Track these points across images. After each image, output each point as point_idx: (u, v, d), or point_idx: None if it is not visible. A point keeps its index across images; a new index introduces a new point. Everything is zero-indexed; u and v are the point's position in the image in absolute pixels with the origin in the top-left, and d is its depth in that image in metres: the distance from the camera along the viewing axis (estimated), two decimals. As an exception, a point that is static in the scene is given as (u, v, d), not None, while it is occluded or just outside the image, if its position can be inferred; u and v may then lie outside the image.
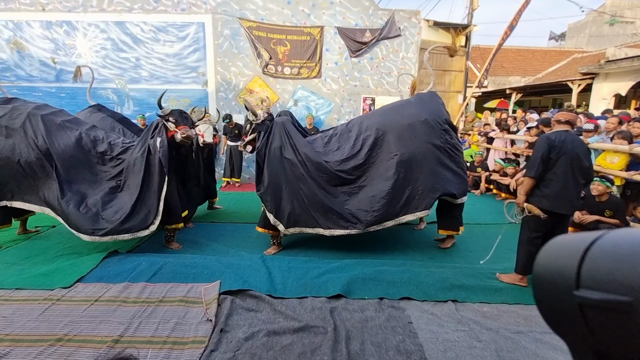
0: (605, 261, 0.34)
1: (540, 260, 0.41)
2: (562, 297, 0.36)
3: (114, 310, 2.55)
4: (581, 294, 0.34)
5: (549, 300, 0.39)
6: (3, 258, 3.50)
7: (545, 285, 0.39)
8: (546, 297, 0.39)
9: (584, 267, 0.35)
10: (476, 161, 7.00)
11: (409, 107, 3.61)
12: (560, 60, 13.76)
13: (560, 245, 0.40)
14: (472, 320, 2.50)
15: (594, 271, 0.34)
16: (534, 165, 2.80)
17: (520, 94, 12.28)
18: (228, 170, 7.19)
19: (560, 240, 0.41)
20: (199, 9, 7.16)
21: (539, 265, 0.41)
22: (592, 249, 0.35)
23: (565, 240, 0.40)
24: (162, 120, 3.60)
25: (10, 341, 2.18)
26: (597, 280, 0.34)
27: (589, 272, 0.35)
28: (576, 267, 0.35)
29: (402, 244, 4.02)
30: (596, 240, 0.36)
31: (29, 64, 7.33)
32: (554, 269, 0.38)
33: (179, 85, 7.46)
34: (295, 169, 3.40)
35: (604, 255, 0.34)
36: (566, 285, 0.36)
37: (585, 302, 0.34)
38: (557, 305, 0.38)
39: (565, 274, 0.36)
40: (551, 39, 21.88)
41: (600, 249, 0.35)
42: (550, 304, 0.39)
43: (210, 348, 2.15)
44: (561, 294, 0.37)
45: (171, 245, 3.82)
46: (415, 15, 7.45)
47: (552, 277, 0.38)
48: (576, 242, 0.38)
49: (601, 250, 0.35)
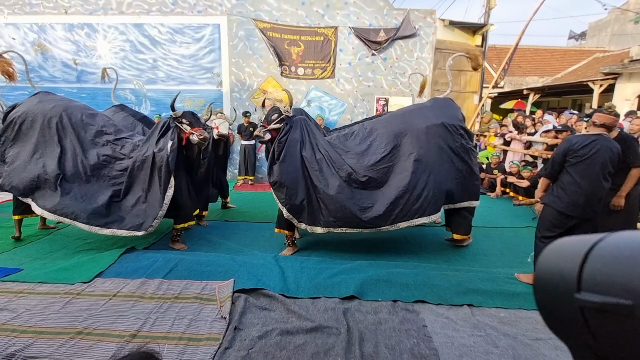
0: (606, 264, 0.33)
1: (542, 262, 0.41)
2: (563, 299, 0.36)
3: (132, 305, 2.61)
4: (582, 297, 0.34)
5: (549, 303, 0.39)
6: (27, 252, 3.63)
7: (546, 287, 0.39)
8: (547, 300, 0.39)
9: (585, 270, 0.35)
10: (492, 163, 6.87)
11: (425, 110, 3.60)
12: (580, 59, 13.35)
13: (561, 248, 0.40)
14: (488, 326, 2.45)
15: (595, 274, 0.34)
16: (548, 165, 2.86)
17: (538, 95, 11.96)
18: (243, 169, 7.33)
19: (562, 242, 0.40)
20: (214, 10, 7.26)
21: (540, 268, 0.40)
22: (593, 252, 0.35)
23: (567, 243, 0.39)
24: (175, 123, 3.60)
25: (33, 333, 2.26)
26: (598, 283, 0.33)
27: (590, 274, 0.34)
28: (577, 269, 0.35)
29: (416, 246, 3.97)
30: (598, 243, 0.35)
31: (52, 65, 7.59)
32: (555, 272, 0.38)
33: (194, 86, 7.59)
34: (313, 165, 3.40)
35: (605, 258, 0.34)
36: (567, 288, 0.36)
37: (586, 305, 0.33)
38: (558, 307, 0.37)
39: (566, 276, 0.36)
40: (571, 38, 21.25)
41: (602, 252, 0.34)
42: (551, 306, 0.39)
43: (225, 345, 2.17)
44: (562, 297, 0.36)
45: (176, 246, 3.78)
46: (431, 14, 7.36)
47: (553, 279, 0.38)
48: (578, 244, 0.37)
49: (602, 253, 0.34)
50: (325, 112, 7.68)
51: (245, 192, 6.72)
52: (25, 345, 2.12)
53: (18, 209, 3.86)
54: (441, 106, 3.66)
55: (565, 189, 2.77)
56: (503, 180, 6.44)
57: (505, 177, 6.42)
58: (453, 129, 3.46)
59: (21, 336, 2.21)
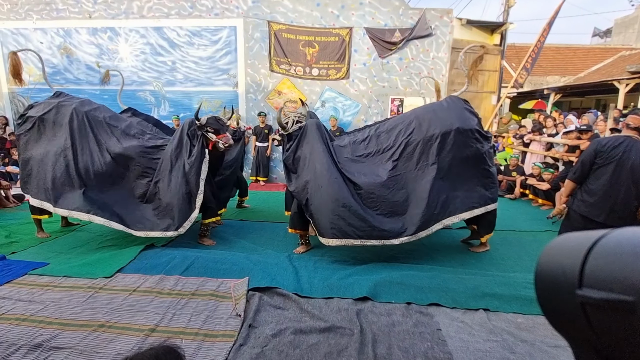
0: (608, 260, 0.33)
1: (543, 258, 0.40)
2: (565, 296, 0.36)
3: (151, 300, 2.69)
4: (584, 293, 0.33)
5: (551, 299, 0.38)
6: (53, 247, 3.79)
7: (548, 283, 0.39)
8: (548, 296, 0.39)
9: (587, 266, 0.34)
10: (511, 165, 6.70)
11: (440, 113, 3.49)
12: (605, 58, 12.85)
13: (563, 243, 0.39)
14: (505, 331, 2.40)
15: (597, 270, 0.33)
16: (576, 168, 2.73)
17: (559, 95, 11.58)
18: (254, 170, 7.44)
19: (564, 238, 0.40)
20: (231, 13, 7.39)
21: (542, 263, 0.40)
22: (595, 248, 0.35)
23: (569, 239, 0.39)
24: (201, 132, 3.70)
25: (59, 324, 2.36)
26: (600, 279, 0.33)
27: (592, 271, 0.34)
28: (579, 265, 0.35)
29: (431, 248, 3.92)
30: (600, 239, 0.35)
31: (77, 68, 7.90)
32: (557, 267, 0.38)
33: (211, 87, 7.74)
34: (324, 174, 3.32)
35: (607, 254, 0.33)
36: (568, 284, 0.35)
37: (588, 301, 0.33)
38: (559, 304, 0.37)
39: (567, 272, 0.36)
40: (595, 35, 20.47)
41: (604, 248, 0.34)
42: (552, 302, 0.38)
43: (239, 342, 2.21)
44: (563, 293, 0.36)
45: (204, 241, 3.91)
46: (447, 14, 7.25)
47: (554, 275, 0.38)
48: (580, 240, 0.37)
49: (605, 249, 0.34)
50: (339, 112, 7.69)
51: (259, 192, 6.81)
52: (51, 336, 2.22)
53: (36, 208, 3.83)
54: (456, 108, 3.56)
55: (590, 193, 2.66)
56: (522, 181, 6.27)
57: (525, 179, 6.26)
58: (469, 134, 3.38)
59: (48, 327, 2.32)
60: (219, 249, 3.79)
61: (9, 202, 5.47)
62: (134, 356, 0.77)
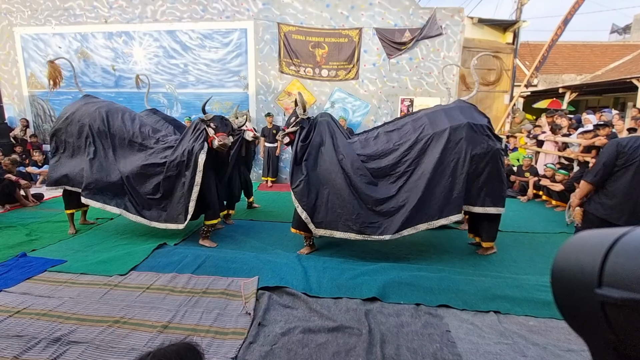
0: (630, 259, 0.32)
1: (561, 255, 0.39)
2: (583, 295, 0.35)
3: (163, 298, 2.76)
4: (603, 292, 0.33)
5: (568, 298, 0.37)
6: (71, 245, 3.92)
7: (565, 282, 0.38)
8: (566, 294, 0.38)
9: (607, 264, 0.33)
10: (524, 165, 6.58)
11: (450, 112, 3.50)
12: (623, 55, 12.45)
13: (582, 241, 0.38)
14: (516, 334, 2.36)
15: (617, 269, 0.32)
16: (595, 170, 2.59)
17: (575, 93, 11.29)
18: (266, 170, 7.52)
19: (583, 236, 0.39)
20: (242, 15, 7.48)
21: (559, 261, 0.39)
22: (616, 246, 0.33)
23: (588, 236, 0.38)
24: (204, 125, 3.76)
25: (76, 320, 2.45)
26: (620, 279, 0.32)
27: (612, 269, 0.33)
28: (599, 264, 0.34)
29: (440, 250, 3.90)
30: (621, 237, 0.34)
31: (93, 72, 8.13)
32: (575, 266, 0.37)
33: (222, 89, 7.85)
34: (334, 169, 3.41)
35: (629, 252, 0.32)
36: (587, 282, 0.34)
37: (608, 300, 0.32)
38: (577, 303, 0.36)
39: (586, 271, 0.35)
40: (613, 32, 19.84)
41: (626, 246, 0.33)
42: (569, 301, 0.37)
43: (249, 340, 2.25)
44: (582, 292, 0.35)
45: (205, 243, 3.91)
46: (458, 12, 7.17)
47: (572, 273, 0.37)
48: (600, 238, 0.36)
49: (626, 248, 0.33)
50: (348, 113, 7.69)
51: (269, 192, 6.87)
52: (69, 330, 2.31)
53: (71, 203, 4.24)
54: (466, 108, 3.57)
55: (609, 195, 2.56)
56: (536, 182, 6.15)
57: (538, 180, 6.13)
58: (479, 129, 3.36)
59: (66, 322, 2.41)
60: (229, 248, 3.84)
61: (29, 202, 5.67)
62: (156, 351, 0.80)
